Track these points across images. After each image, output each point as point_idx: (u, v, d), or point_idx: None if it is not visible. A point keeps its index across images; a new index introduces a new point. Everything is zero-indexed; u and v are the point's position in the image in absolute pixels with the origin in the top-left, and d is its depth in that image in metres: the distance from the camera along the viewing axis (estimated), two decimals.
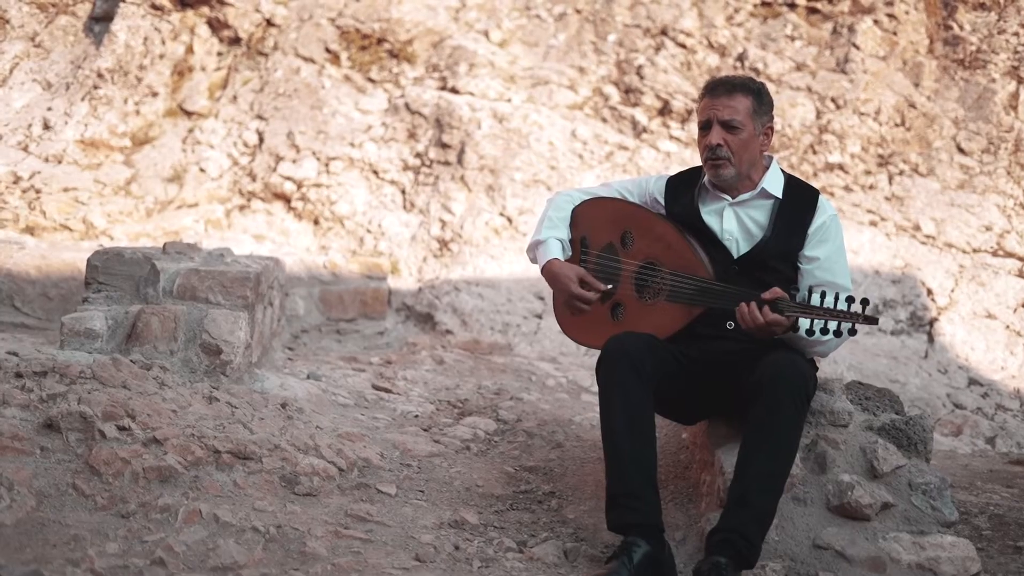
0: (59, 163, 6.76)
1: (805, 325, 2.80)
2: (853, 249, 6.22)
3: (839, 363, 5.72)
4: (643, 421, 2.86)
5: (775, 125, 3.17)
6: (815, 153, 6.73)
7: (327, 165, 6.78)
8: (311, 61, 7.28)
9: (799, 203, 3.06)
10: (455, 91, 7.01)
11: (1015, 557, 3.10)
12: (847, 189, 6.63)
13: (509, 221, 6.48)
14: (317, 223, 6.62)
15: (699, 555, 2.84)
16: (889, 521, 2.84)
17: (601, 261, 3.23)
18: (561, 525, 3.19)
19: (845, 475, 2.87)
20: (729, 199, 3.09)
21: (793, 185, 3.11)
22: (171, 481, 2.91)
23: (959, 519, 2.93)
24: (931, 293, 6.25)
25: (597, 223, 3.26)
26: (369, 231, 6.55)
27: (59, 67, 7.35)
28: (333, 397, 4.19)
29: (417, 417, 4.14)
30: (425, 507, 3.19)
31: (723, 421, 3.13)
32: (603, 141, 6.86)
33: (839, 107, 6.82)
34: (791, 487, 2.84)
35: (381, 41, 7.31)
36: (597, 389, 2.99)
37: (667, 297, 3.07)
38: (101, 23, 7.54)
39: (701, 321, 3.01)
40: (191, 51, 7.36)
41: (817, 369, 3.08)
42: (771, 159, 3.14)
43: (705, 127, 3.06)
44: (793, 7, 7.21)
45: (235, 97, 7.20)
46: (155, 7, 7.36)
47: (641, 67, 7.06)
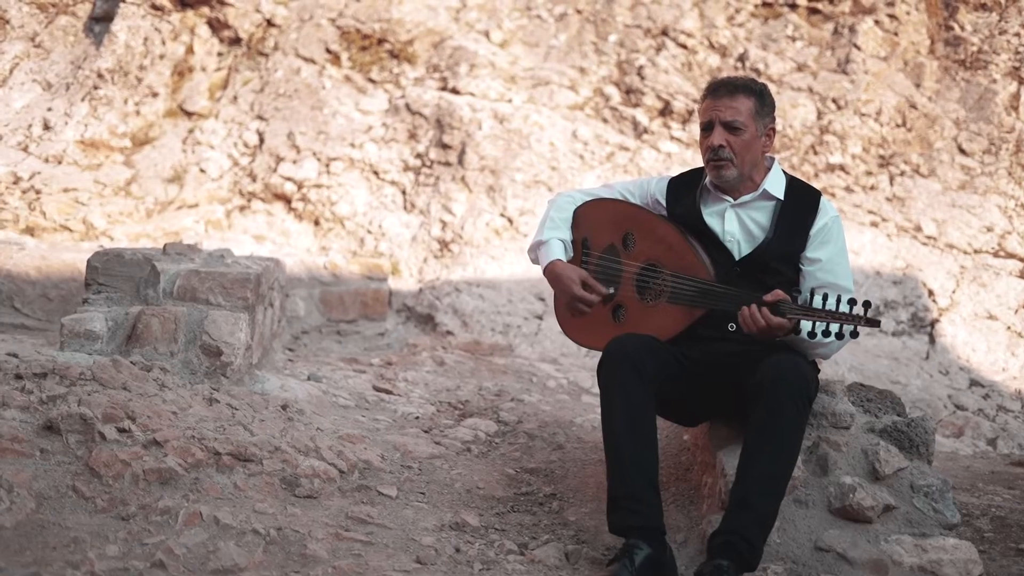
0: (59, 164, 6.76)
1: (807, 327, 2.79)
2: (854, 250, 6.21)
3: (840, 364, 5.71)
4: (644, 423, 2.86)
5: (776, 126, 3.16)
6: (816, 154, 6.72)
7: (327, 166, 6.77)
8: (311, 61, 7.27)
9: (801, 205, 3.05)
10: (456, 92, 7.01)
11: (1017, 559, 3.09)
12: (848, 190, 6.62)
13: (510, 222, 6.47)
14: (317, 224, 6.61)
15: (700, 557, 2.83)
16: (891, 523, 2.83)
17: (603, 262, 3.22)
18: (562, 527, 3.19)
19: (847, 477, 2.87)
20: (731, 200, 3.08)
21: (795, 186, 3.10)
22: (171, 483, 2.90)
23: (961, 521, 2.92)
24: (932, 294, 6.25)
25: (599, 224, 3.26)
26: (370, 232, 6.54)
27: (59, 67, 7.34)
28: (334, 398, 4.18)
29: (418, 419, 4.14)
30: (426, 509, 3.19)
31: (724, 423, 3.13)
32: (604, 142, 6.85)
33: (840, 108, 6.81)
34: (793, 489, 2.83)
35: (382, 41, 7.30)
36: (598, 390, 2.98)
37: (668, 299, 3.06)
38: (101, 23, 7.53)
39: (702, 323, 3.00)
40: (191, 51, 7.35)
41: (819, 371, 3.07)
42: (773, 160, 3.13)
43: (707, 128, 3.05)
44: (794, 7, 7.20)
45: (235, 97, 7.20)
46: (155, 7, 7.35)
47: (642, 67, 7.05)
